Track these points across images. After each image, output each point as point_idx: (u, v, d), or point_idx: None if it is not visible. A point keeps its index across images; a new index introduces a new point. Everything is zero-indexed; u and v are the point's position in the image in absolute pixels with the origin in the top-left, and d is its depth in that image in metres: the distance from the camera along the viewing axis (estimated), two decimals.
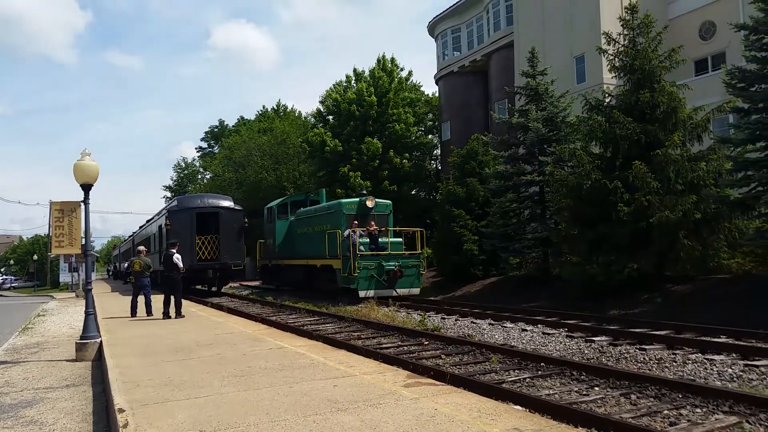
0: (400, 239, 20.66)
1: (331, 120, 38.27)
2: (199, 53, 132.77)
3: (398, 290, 18.57)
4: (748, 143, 13.68)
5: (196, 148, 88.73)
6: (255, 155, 45.18)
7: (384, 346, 10.80)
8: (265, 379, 6.57)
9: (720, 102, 15.63)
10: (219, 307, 18.70)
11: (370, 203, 20.07)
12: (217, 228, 24.79)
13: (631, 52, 15.98)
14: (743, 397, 6.34)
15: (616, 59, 16.39)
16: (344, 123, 35.61)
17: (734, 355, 8.76)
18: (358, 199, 20.60)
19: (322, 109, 39.59)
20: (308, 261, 22.03)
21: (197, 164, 68.69)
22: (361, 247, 18.63)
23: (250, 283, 34.44)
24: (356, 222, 19.13)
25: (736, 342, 9.72)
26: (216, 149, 65.89)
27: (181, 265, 14.63)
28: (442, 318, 14.30)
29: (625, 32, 16.49)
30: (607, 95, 17.18)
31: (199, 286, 28.21)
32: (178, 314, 14.14)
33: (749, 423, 5.77)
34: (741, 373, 7.83)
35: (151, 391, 6.24)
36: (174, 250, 14.63)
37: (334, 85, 39.04)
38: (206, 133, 71.20)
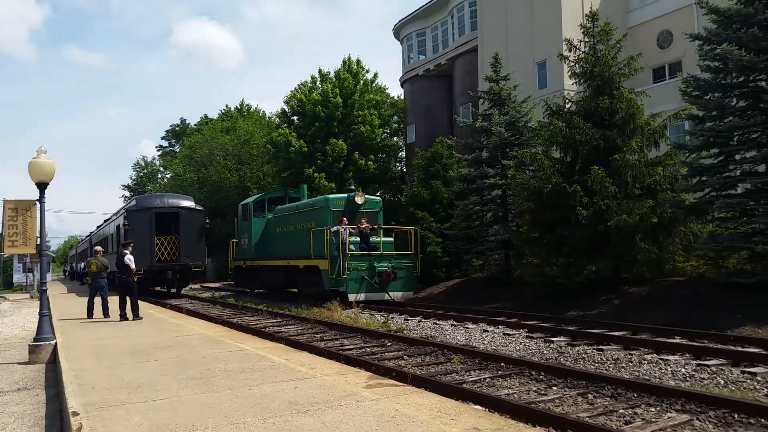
0: (391, 238, 19.29)
1: (295, 120, 38.07)
2: (162, 51, 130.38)
3: (391, 293, 17.25)
4: (702, 150, 14.10)
5: (156, 147, 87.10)
6: (217, 155, 44.64)
7: (347, 347, 10.79)
8: (225, 381, 6.49)
9: (676, 109, 16.09)
10: (178, 309, 18.40)
11: (359, 199, 18.67)
12: (177, 228, 24.40)
13: (591, 59, 16.33)
14: (695, 396, 6.54)
15: (577, 66, 16.72)
16: (309, 124, 35.48)
17: (687, 355, 9.02)
18: (345, 195, 19.12)
19: (286, 110, 39.35)
20: (289, 262, 20.39)
21: (158, 163, 67.50)
22: (351, 246, 17.25)
23: (211, 285, 33.98)
24: (345, 219, 17.72)
25: (690, 342, 10.02)
26: (177, 148, 64.89)
27: (133, 266, 14.34)
28: (406, 319, 14.35)
29: (586, 39, 16.85)
30: (567, 101, 17.51)
31: (158, 288, 27.70)
32: (136, 316, 13.86)
33: (699, 420, 5.95)
34: (693, 373, 8.06)
35: (107, 394, 6.11)
36: (127, 251, 14.33)
37: (299, 85, 38.83)
38: (167, 131, 70.09)
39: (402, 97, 40.44)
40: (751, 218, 13.16)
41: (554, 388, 7.47)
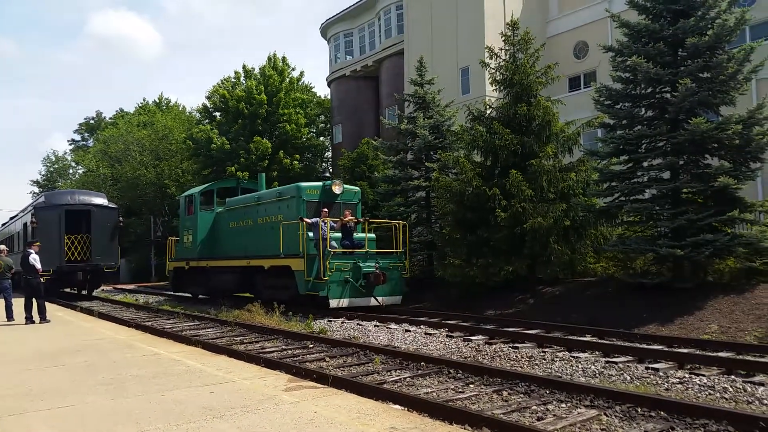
0: (373, 235, 17.02)
1: (218, 117, 37.15)
2: (77, 41, 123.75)
3: (378, 298, 15.41)
4: (612, 156, 14.83)
5: (68, 141, 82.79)
6: (133, 150, 42.90)
7: (267, 350, 10.62)
8: (137, 387, 6.25)
9: (590, 117, 16.86)
10: (89, 311, 17.53)
11: (337, 188, 16.50)
12: (88, 227, 23.32)
13: (511, 67, 16.85)
14: (602, 392, 6.86)
15: (497, 73, 17.20)
16: (232, 121, 34.70)
17: (597, 352, 9.45)
18: (321, 183, 16.92)
19: (208, 105, 38.33)
20: (249, 262, 17.77)
21: (69, 158, 64.12)
22: (333, 243, 15.18)
23: (125, 287, 32.61)
24: (326, 210, 15.56)
25: (599, 341, 10.52)
26: (91, 143, 61.92)
27: (38, 266, 13.57)
28: (329, 321, 14.29)
29: (507, 48, 17.36)
30: (488, 107, 17.99)
31: (68, 290, 26.34)
32: (43, 319, 13.11)
33: (606, 415, 6.25)
34: (602, 370, 8.45)
35: (9, 401, 5.74)
36: (32, 250, 13.54)
37: (222, 80, 37.90)
38: (81, 125, 66.77)
39: (329, 96, 40.32)
40: (657, 222, 13.97)
41: (471, 386, 7.65)
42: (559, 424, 5.93)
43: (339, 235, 15.64)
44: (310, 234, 15.12)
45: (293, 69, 37.99)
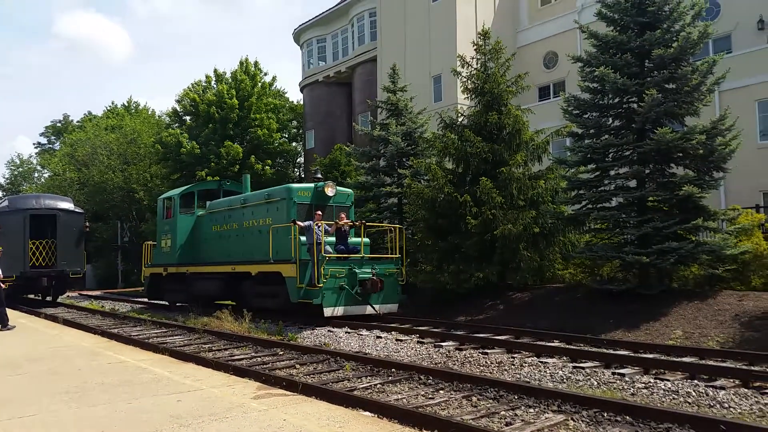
0: (368, 239, 16.26)
1: (188, 121, 36.74)
2: (43, 42, 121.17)
3: (375, 306, 14.68)
4: (580, 165, 15.07)
5: (34, 144, 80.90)
6: (101, 154, 42.15)
7: (236, 357, 10.51)
8: (103, 395, 6.13)
9: (558, 126, 17.13)
10: (54, 318, 17.14)
11: (330, 190, 15.75)
12: (54, 232, 22.82)
13: (482, 76, 17.05)
14: (570, 397, 6.95)
15: (469, 81, 17.38)
16: (202, 125, 34.34)
17: (565, 358, 9.57)
18: (312, 185, 16.00)
19: (178, 109, 37.89)
20: (234, 268, 16.87)
21: (35, 161, 62.66)
22: (328, 248, 14.56)
23: (91, 293, 31.94)
24: (319, 213, 14.77)
25: (567, 346, 10.65)
26: (57, 146, 60.69)
27: None
28: (299, 327, 14.21)
29: (478, 57, 17.56)
30: (460, 115, 18.16)
31: (32, 296, 25.71)
32: (4, 326, 12.78)
33: (573, 420, 6.34)
34: (570, 375, 8.55)
35: None
36: None
37: (192, 84, 37.51)
38: (47, 128, 65.40)
39: (301, 102, 40.20)
40: (623, 230, 14.23)
41: (441, 391, 7.69)
42: (527, 429, 5.99)
43: (333, 239, 15.03)
44: (303, 238, 14.36)
45: (265, 74, 37.86)
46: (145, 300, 23.39)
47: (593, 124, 14.88)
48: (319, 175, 17.04)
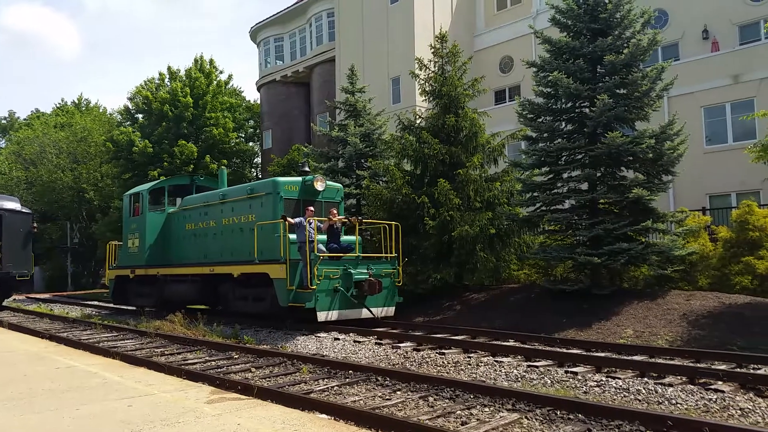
0: (360, 238, 14.89)
1: (140, 119, 35.91)
2: None
3: (373, 309, 13.68)
4: (535, 168, 15.35)
5: None
6: (50, 152, 40.84)
7: (190, 361, 10.30)
8: (49, 401, 5.92)
9: (514, 130, 17.41)
10: None
11: (319, 185, 14.61)
12: None
13: (440, 79, 17.19)
14: (524, 396, 7.06)
15: (427, 84, 17.51)
16: (155, 123, 33.62)
17: (519, 357, 9.71)
18: (300, 179, 14.87)
19: (130, 107, 37.01)
20: (213, 269, 15.62)
21: None
22: (321, 246, 13.48)
23: (39, 296, 30.87)
24: (311, 209, 13.59)
25: (522, 345, 10.81)
26: (2, 144, 58.44)
27: None
28: (256, 330, 14.02)
29: (435, 60, 17.70)
30: (418, 117, 18.27)
31: None
32: None
33: (527, 419, 6.44)
34: (524, 374, 8.68)
35: None
36: None
37: (145, 81, 36.71)
38: None
39: (258, 101, 39.76)
40: (576, 231, 14.55)
41: (398, 392, 7.70)
42: (482, 428, 6.05)
43: (324, 237, 13.90)
44: (292, 236, 13.21)
45: (221, 72, 37.36)
46: (97, 303, 22.72)
47: (547, 128, 15.17)
48: (307, 168, 15.57)
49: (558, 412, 6.53)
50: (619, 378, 8.05)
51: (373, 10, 29.20)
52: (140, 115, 36.13)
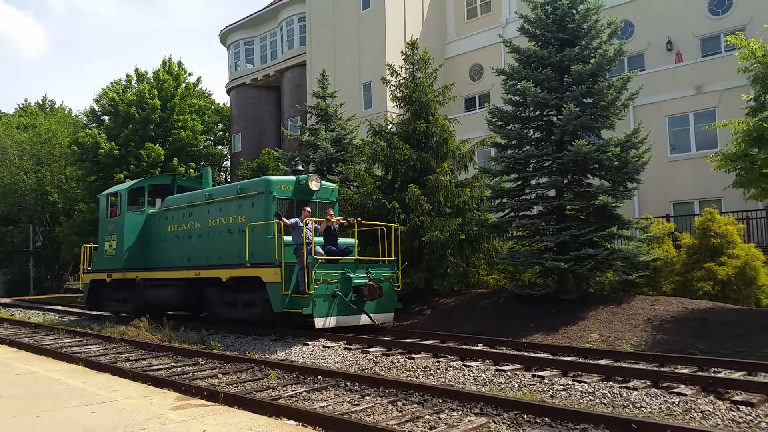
0: (356, 240, 13.87)
1: (106, 121, 35.24)
2: None
3: (372, 315, 13.05)
4: (504, 174, 15.51)
5: None
6: (12, 154, 39.79)
7: (155, 367, 10.12)
8: (10, 408, 5.75)
9: (483, 137, 17.59)
10: None
11: (314, 184, 14.01)
12: None
13: (411, 85, 17.29)
14: (491, 399, 7.10)
15: (398, 90, 17.60)
16: (122, 125, 32.99)
17: (488, 361, 9.77)
18: (294, 177, 14.21)
19: (96, 109, 36.30)
20: (199, 273, 14.74)
21: None
22: (318, 249, 12.86)
23: (0, 300, 29.99)
24: (308, 209, 12.83)
25: (490, 350, 10.90)
26: None
27: None
28: (223, 336, 13.85)
29: (406, 66, 17.81)
30: (389, 122, 18.34)
31: None
32: None
33: (495, 422, 6.48)
34: (493, 378, 8.74)
35: None
36: None
37: (111, 83, 36.06)
38: None
39: (228, 104, 39.40)
40: (543, 237, 14.75)
41: (367, 397, 7.68)
42: None
43: (320, 239, 13.20)
44: (287, 238, 12.56)
45: (190, 74, 36.88)
46: (60, 307, 22.13)
47: (515, 135, 15.36)
48: (300, 167, 14.94)
49: (525, 416, 6.59)
50: (585, 382, 8.17)
51: (344, 16, 29.24)
52: (106, 117, 35.44)
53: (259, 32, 36.13)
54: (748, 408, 6.73)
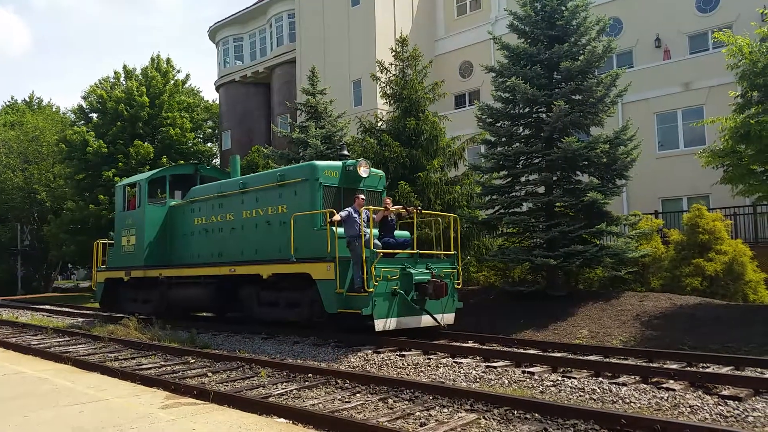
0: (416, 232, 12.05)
1: (95, 118, 34.96)
2: None
3: (435, 316, 11.59)
4: (493, 171, 15.56)
5: None
6: None
7: (144, 366, 10.06)
8: None
9: (473, 134, 17.62)
10: None
11: (363, 170, 12.50)
12: None
13: (401, 82, 17.28)
14: (482, 396, 7.12)
15: (388, 87, 17.59)
16: (110, 123, 32.76)
17: (478, 358, 9.79)
18: (340, 163, 12.67)
19: (84, 106, 36.00)
20: (234, 269, 13.39)
21: None
22: (376, 242, 11.34)
23: None
24: (362, 197, 11.43)
25: (480, 346, 10.91)
26: None
27: None
28: (213, 334, 13.78)
29: (396, 63, 17.80)
30: (379, 120, 18.33)
31: None
32: None
33: (485, 419, 6.50)
34: (483, 374, 8.76)
35: None
36: None
37: (100, 80, 35.78)
38: None
39: (217, 101, 39.20)
40: (533, 234, 14.81)
41: (358, 395, 7.68)
42: (441, 429, 6.08)
43: (376, 232, 11.66)
44: (339, 230, 11.24)
45: (178, 71, 36.67)
46: (48, 307, 21.90)
47: (505, 132, 15.39)
48: (346, 152, 13.78)
49: (515, 412, 6.61)
50: (575, 378, 8.20)
51: (334, 13, 29.16)
52: (94, 115, 35.17)
53: (247, 29, 35.97)
54: (736, 402, 6.79)
